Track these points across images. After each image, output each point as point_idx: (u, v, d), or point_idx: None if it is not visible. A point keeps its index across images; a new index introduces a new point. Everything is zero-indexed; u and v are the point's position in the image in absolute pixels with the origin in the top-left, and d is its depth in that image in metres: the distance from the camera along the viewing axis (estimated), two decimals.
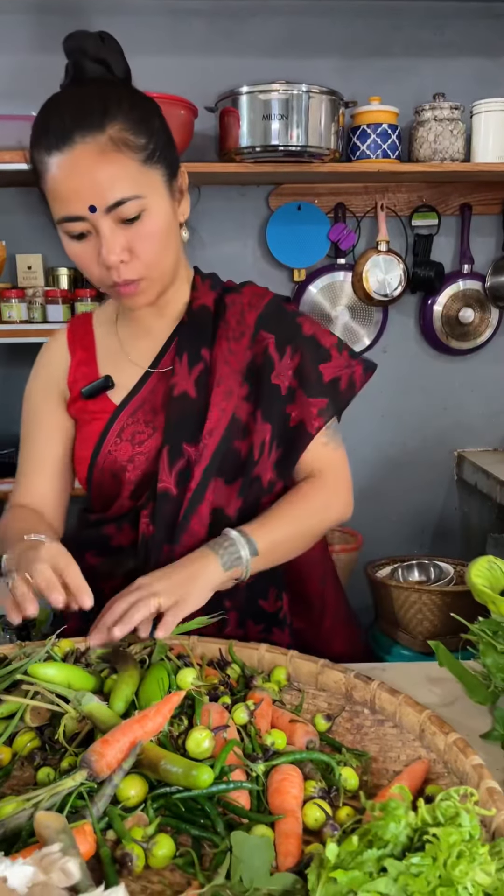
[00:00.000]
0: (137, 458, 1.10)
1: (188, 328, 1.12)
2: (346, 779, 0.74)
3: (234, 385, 1.10)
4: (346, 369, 1.15)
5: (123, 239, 0.96)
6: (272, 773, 0.74)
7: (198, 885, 0.63)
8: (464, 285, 2.42)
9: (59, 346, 1.19)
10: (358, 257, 2.38)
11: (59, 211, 0.96)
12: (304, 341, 1.13)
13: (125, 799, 0.71)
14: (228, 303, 1.14)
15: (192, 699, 0.84)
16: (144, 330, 1.14)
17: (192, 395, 1.09)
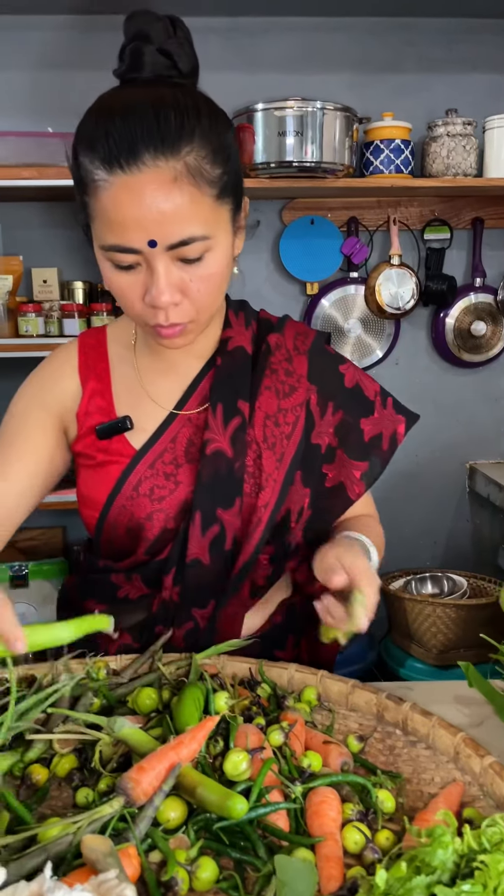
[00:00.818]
0: (156, 515, 0.99)
1: (224, 374, 1.00)
2: (383, 801, 0.75)
3: (287, 451, 1.01)
4: (390, 425, 1.08)
5: (178, 279, 0.84)
6: (309, 795, 0.75)
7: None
8: (476, 298, 2.43)
9: (68, 369, 1.04)
10: (370, 271, 2.39)
11: (109, 237, 0.82)
12: (346, 395, 1.06)
13: (165, 821, 0.72)
14: (273, 346, 1.03)
15: (227, 721, 0.85)
16: (168, 365, 1.03)
17: (227, 454, 0.98)
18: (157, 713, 0.91)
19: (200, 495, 0.98)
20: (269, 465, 1.00)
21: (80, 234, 2.35)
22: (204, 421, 1.01)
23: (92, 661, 0.97)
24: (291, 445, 1.02)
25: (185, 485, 1.00)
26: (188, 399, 1.03)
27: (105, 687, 0.91)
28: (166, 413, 1.02)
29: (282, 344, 1.05)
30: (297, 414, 1.03)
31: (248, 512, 1.01)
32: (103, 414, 1.02)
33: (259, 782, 0.72)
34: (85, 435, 1.03)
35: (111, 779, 0.78)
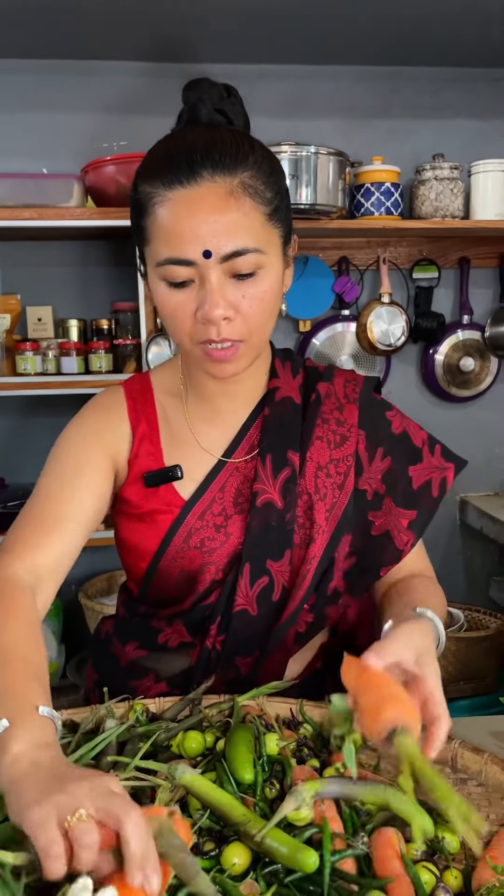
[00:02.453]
0: (207, 568, 0.98)
1: (272, 424, 0.99)
2: (448, 841, 0.75)
3: (339, 502, 0.99)
4: (438, 472, 1.04)
5: (231, 295, 0.86)
6: (373, 836, 0.75)
7: None
8: (463, 335, 2.50)
9: (117, 410, 1.03)
10: (361, 308, 2.44)
11: (165, 251, 0.85)
12: (394, 441, 1.03)
13: (229, 866, 0.71)
14: (324, 395, 1.02)
15: (281, 763, 0.85)
16: (215, 413, 1.02)
17: (277, 505, 0.97)
18: (202, 757, 0.90)
19: (250, 546, 0.97)
20: (320, 517, 0.99)
21: (73, 271, 2.37)
22: (252, 470, 1.00)
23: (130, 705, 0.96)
24: (343, 496, 1.01)
25: (235, 536, 0.99)
26: (236, 448, 1.02)
27: (152, 732, 0.90)
28: (214, 461, 1.01)
29: (332, 392, 1.04)
30: (348, 464, 1.01)
31: (298, 562, 1.00)
32: (152, 460, 1.01)
33: (327, 849, 0.71)
34: (133, 481, 1.01)
35: None
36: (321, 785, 0.75)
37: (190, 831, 0.65)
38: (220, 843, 0.74)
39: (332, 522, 1.00)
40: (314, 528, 0.99)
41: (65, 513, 0.95)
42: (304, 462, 1.00)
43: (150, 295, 2.10)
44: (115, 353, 2.20)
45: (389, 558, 1.02)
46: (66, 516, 0.95)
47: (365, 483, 1.02)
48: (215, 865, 0.72)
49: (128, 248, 2.21)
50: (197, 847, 0.74)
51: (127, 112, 2.31)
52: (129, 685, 1.05)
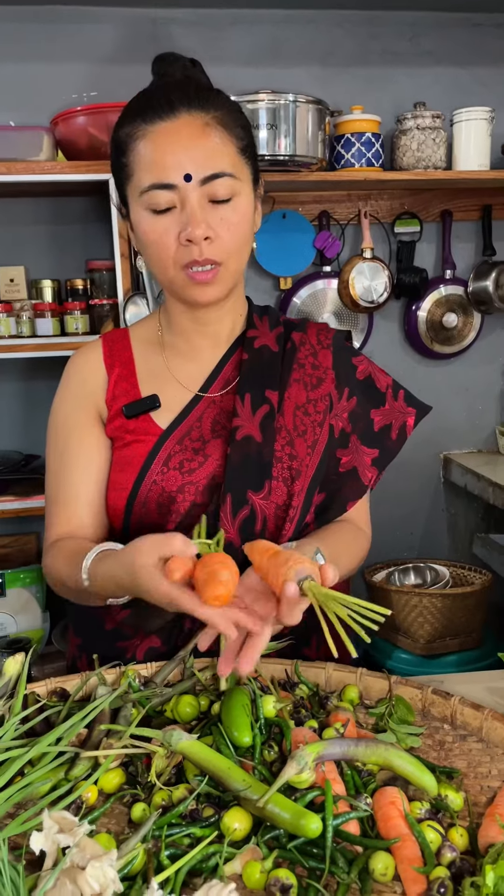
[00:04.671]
0: (187, 487, 1.02)
1: (251, 367, 1.06)
2: (452, 799, 0.74)
3: (320, 438, 1.05)
4: (399, 416, 1.13)
5: (211, 218, 0.94)
6: (376, 797, 0.73)
7: None
8: (446, 291, 2.46)
9: (93, 360, 1.10)
10: (343, 265, 2.39)
11: (147, 179, 0.94)
12: (359, 385, 1.11)
13: (229, 833, 0.69)
14: (298, 342, 1.10)
15: (279, 725, 0.83)
16: (191, 349, 1.08)
17: (256, 439, 1.02)
18: (197, 721, 0.88)
19: (231, 478, 1.00)
20: (302, 452, 1.04)
21: (46, 229, 2.29)
22: (228, 404, 1.05)
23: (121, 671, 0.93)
24: (324, 433, 1.06)
25: (214, 458, 1.03)
26: (212, 383, 1.07)
27: (145, 698, 0.88)
28: (191, 395, 1.07)
29: (306, 340, 1.11)
30: (325, 403, 1.08)
31: (285, 499, 1.02)
32: (129, 397, 1.07)
33: (329, 810, 0.69)
34: (113, 418, 1.07)
35: (166, 792, 0.75)
36: (323, 747, 0.73)
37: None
38: (220, 809, 0.72)
39: (315, 458, 1.05)
40: (296, 462, 1.03)
41: (67, 485, 1.05)
42: (283, 401, 1.05)
43: (126, 253, 2.04)
44: (91, 313, 2.14)
45: (355, 493, 1.10)
46: (69, 488, 1.05)
47: (334, 419, 1.08)
48: (215, 832, 0.70)
49: (102, 204, 2.13)
50: (196, 814, 0.72)
51: (97, 61, 2.21)
52: (115, 647, 1.03)
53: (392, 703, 0.87)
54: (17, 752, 0.76)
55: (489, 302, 2.42)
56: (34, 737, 0.80)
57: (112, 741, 0.79)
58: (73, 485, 1.06)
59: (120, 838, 0.71)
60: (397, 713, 0.87)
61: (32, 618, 2.23)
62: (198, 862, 0.67)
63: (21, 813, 0.72)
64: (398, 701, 0.88)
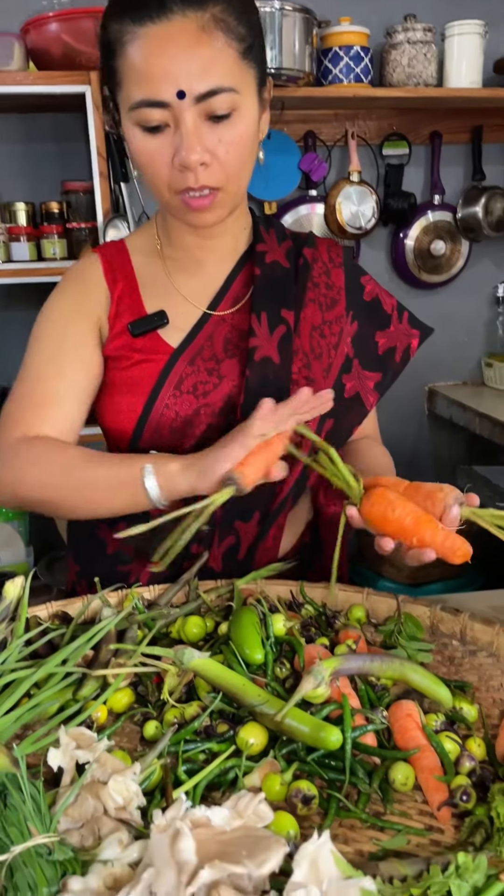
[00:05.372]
0: (203, 410, 0.97)
1: (264, 284, 0.99)
2: (467, 711, 0.73)
3: (335, 362, 1.01)
4: (404, 338, 1.10)
5: (208, 139, 0.84)
6: (392, 710, 0.73)
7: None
8: (434, 217, 2.40)
9: (93, 274, 1.01)
10: (329, 189, 2.31)
11: (137, 93, 0.83)
12: (364, 307, 1.07)
13: (245, 747, 0.68)
14: (311, 259, 1.03)
15: (289, 643, 0.82)
16: (195, 264, 1.01)
17: (274, 361, 0.97)
18: (203, 642, 0.86)
19: (250, 400, 0.94)
20: (318, 375, 1.00)
21: (18, 149, 2.17)
22: (242, 323, 0.99)
23: (125, 594, 0.91)
24: (339, 356, 1.03)
25: (229, 379, 0.98)
26: (221, 300, 1.01)
27: (151, 620, 0.86)
28: (200, 313, 1.00)
29: (318, 257, 1.05)
30: (340, 325, 1.04)
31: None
32: (133, 314, 0.99)
33: (347, 723, 0.68)
34: (116, 336, 0.99)
35: (179, 710, 0.73)
36: (339, 662, 0.72)
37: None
38: (235, 725, 0.71)
39: (329, 381, 1.02)
40: (315, 386, 0.98)
41: (55, 390, 0.95)
42: (299, 321, 1.00)
43: (104, 172, 1.95)
44: (69, 238, 2.05)
45: (358, 418, 1.09)
46: (56, 393, 0.95)
47: (344, 343, 1.05)
48: (231, 747, 0.69)
49: (78, 119, 2.01)
50: (210, 730, 0.71)
51: None
52: (115, 571, 1.01)
53: (401, 621, 0.87)
54: (23, 674, 0.74)
55: (478, 229, 2.37)
56: (38, 659, 0.78)
57: (121, 661, 0.78)
58: (63, 387, 0.96)
59: (133, 756, 0.70)
60: (406, 630, 0.86)
61: (15, 552, 2.20)
62: (216, 776, 0.66)
63: (29, 734, 0.70)
64: (407, 618, 0.87)
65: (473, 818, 0.59)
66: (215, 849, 0.49)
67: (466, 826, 0.59)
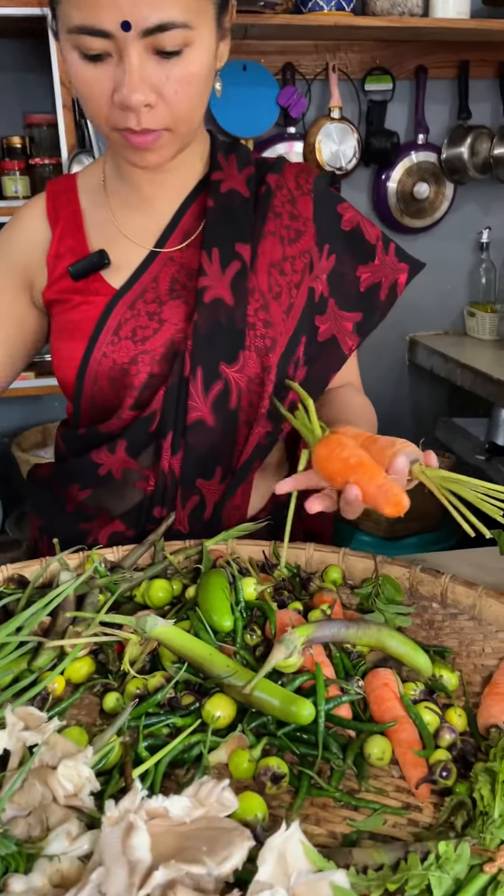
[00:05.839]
0: (141, 358, 0.90)
1: (218, 216, 0.90)
2: (447, 679, 0.69)
3: (297, 302, 0.92)
4: (390, 273, 0.99)
5: (154, 76, 0.74)
6: (367, 678, 0.69)
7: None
8: (418, 157, 2.30)
9: (35, 215, 0.95)
10: (309, 126, 2.20)
11: (76, 16, 0.72)
12: (343, 238, 0.96)
13: (211, 720, 0.64)
14: (274, 186, 0.93)
15: (260, 608, 0.77)
16: (142, 200, 0.93)
17: (227, 302, 0.88)
18: (170, 606, 0.81)
19: (199, 347, 0.87)
20: (277, 317, 0.91)
21: None
22: (192, 261, 0.91)
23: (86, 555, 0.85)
24: (301, 296, 0.93)
25: (171, 323, 0.90)
26: (168, 236, 0.92)
27: (113, 584, 0.80)
28: (146, 252, 0.92)
29: (283, 184, 0.95)
30: (304, 261, 0.93)
31: (258, 371, 0.91)
32: (75, 255, 0.92)
33: (321, 695, 0.64)
34: (57, 280, 0.93)
35: (141, 681, 0.68)
36: (313, 630, 0.67)
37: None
38: (201, 697, 0.66)
39: (290, 325, 0.92)
40: (273, 331, 0.91)
41: None
42: (256, 256, 0.91)
43: (69, 104, 1.82)
44: (31, 174, 1.94)
45: (335, 364, 0.99)
46: None
47: (313, 281, 0.94)
48: (197, 721, 0.65)
49: (40, 47, 1.88)
50: (174, 702, 0.66)
51: None
52: (78, 529, 0.96)
53: (378, 583, 0.82)
54: None
55: (463, 171, 2.28)
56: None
57: (79, 629, 0.72)
58: None
59: (93, 730, 0.65)
60: (384, 593, 0.81)
61: None
62: (179, 752, 0.62)
63: None
64: (385, 580, 0.83)
65: (454, 798, 0.55)
66: (173, 843, 0.44)
67: (447, 806, 0.55)
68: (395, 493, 0.68)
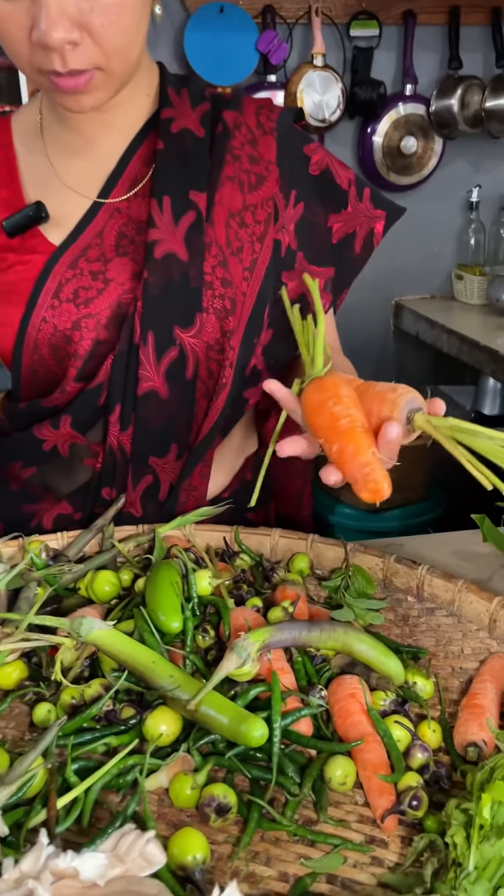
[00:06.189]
0: (85, 322, 0.80)
1: (168, 160, 0.80)
2: (421, 686, 0.62)
3: (260, 258, 0.81)
4: (365, 221, 0.89)
5: (76, 7, 0.64)
6: (332, 688, 0.61)
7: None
8: (406, 110, 2.18)
9: None
10: (290, 74, 2.07)
11: None
12: (312, 182, 0.86)
13: (154, 737, 0.56)
14: (231, 125, 0.82)
15: (215, 604, 0.69)
16: (83, 144, 0.82)
17: (181, 258, 0.78)
18: (119, 600, 0.73)
19: (150, 308, 0.78)
20: (237, 275, 0.80)
21: None
22: (141, 212, 0.81)
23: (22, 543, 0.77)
24: (265, 250, 0.82)
25: (118, 283, 0.80)
26: (114, 185, 0.82)
27: (52, 576, 0.72)
28: (88, 203, 0.82)
29: (242, 123, 0.83)
30: (267, 210, 0.82)
31: (217, 336, 0.81)
32: (9, 208, 0.82)
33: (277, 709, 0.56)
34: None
35: (76, 691, 0.61)
36: (269, 634, 0.59)
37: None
38: (143, 710, 0.58)
39: (254, 284, 0.82)
40: (233, 290, 0.81)
41: None
42: (212, 205, 0.81)
43: None
44: None
45: None
46: None
47: (279, 232, 0.84)
48: (135, 739, 0.57)
49: None
50: (112, 715, 0.59)
51: None
52: (22, 510, 0.87)
53: (349, 574, 0.74)
54: None
55: (452, 124, 2.16)
56: None
57: (9, 629, 0.64)
58: None
59: (17, 749, 0.58)
60: (354, 585, 0.74)
61: None
62: (114, 777, 0.54)
63: None
64: (356, 571, 0.75)
65: (423, 837, 0.48)
66: None
67: (415, 847, 0.48)
68: (375, 480, 0.58)
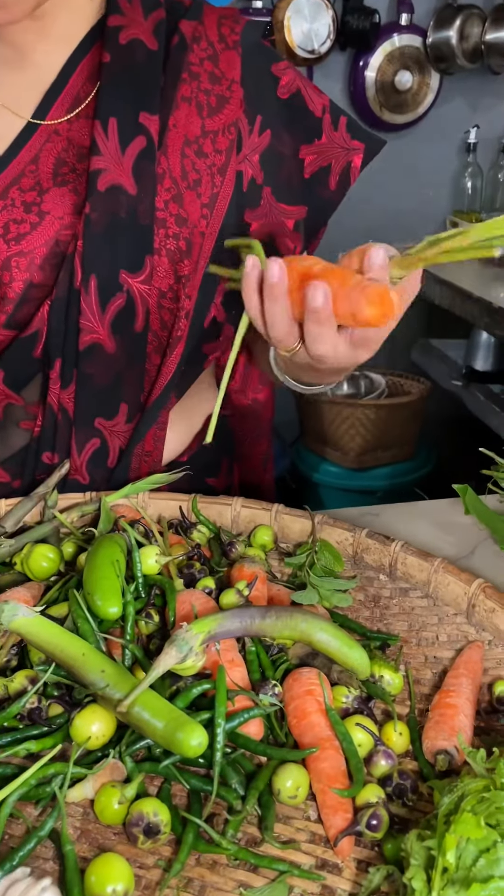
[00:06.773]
0: (16, 261, 0.70)
1: (116, 76, 0.70)
2: (388, 680, 0.55)
3: (222, 192, 0.72)
4: (341, 154, 0.79)
5: None
6: (288, 683, 0.54)
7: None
8: (401, 41, 2.04)
9: None
10: (277, 0, 1.92)
11: None
12: (279, 108, 0.76)
13: (82, 740, 0.49)
14: (189, 38, 0.72)
15: (161, 586, 0.61)
16: (15, 54, 0.72)
17: (128, 191, 0.69)
18: (58, 577, 0.66)
19: (93, 251, 0.69)
20: (194, 213, 0.71)
21: None
22: (83, 136, 0.71)
23: None
24: (227, 183, 0.73)
25: (55, 217, 0.71)
26: (52, 103, 0.72)
27: None
28: (22, 123, 0.72)
29: (202, 35, 0.73)
30: (230, 137, 0.73)
31: (171, 283, 0.72)
32: None
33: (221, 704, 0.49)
34: None
35: (1, 686, 0.54)
36: (215, 623, 0.52)
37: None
38: (72, 708, 0.52)
39: (214, 222, 0.73)
40: (189, 230, 0.71)
41: None
42: (166, 130, 0.71)
43: None
44: None
45: None
46: None
47: (241, 163, 0.75)
48: (62, 740, 0.50)
49: None
50: (37, 714, 0.52)
51: None
52: None
53: (315, 550, 0.67)
54: None
55: (450, 58, 2.03)
56: None
57: None
58: None
59: None
60: (321, 562, 0.66)
61: None
62: (33, 787, 0.48)
63: None
64: (323, 546, 0.67)
65: (380, 870, 0.41)
66: None
67: (369, 882, 0.41)
68: (376, 288, 0.50)
